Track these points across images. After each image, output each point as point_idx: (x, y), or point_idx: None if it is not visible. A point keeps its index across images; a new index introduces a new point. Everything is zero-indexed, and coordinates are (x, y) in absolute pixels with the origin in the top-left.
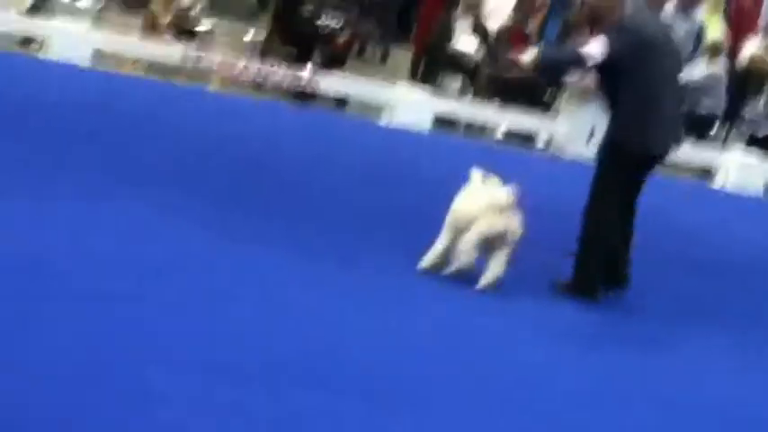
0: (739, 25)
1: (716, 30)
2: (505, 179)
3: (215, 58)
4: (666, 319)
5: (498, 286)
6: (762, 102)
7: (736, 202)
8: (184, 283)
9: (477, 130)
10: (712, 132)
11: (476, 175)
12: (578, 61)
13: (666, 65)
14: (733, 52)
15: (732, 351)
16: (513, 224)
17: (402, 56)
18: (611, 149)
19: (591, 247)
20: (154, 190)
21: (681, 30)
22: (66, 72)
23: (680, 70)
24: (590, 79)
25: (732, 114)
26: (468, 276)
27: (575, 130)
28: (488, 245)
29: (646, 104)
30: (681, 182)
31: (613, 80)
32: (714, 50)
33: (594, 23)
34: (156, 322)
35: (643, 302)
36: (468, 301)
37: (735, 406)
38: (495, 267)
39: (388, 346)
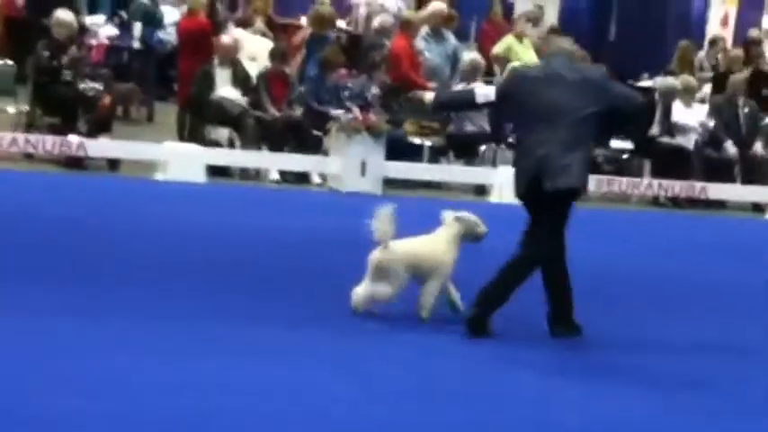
0: (490, 45)
1: (530, 55)
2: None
3: None
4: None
5: None
6: None
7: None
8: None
9: (251, 176)
10: (481, 151)
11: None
12: (470, 99)
13: (546, 105)
14: (489, 71)
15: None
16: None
17: (168, 112)
18: None
19: None
20: None
21: (435, 53)
22: None
23: (575, 110)
24: (359, 115)
25: (498, 131)
26: None
27: (346, 165)
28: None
29: (519, 145)
30: (457, 202)
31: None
32: (473, 71)
33: None
34: None
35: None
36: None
37: None
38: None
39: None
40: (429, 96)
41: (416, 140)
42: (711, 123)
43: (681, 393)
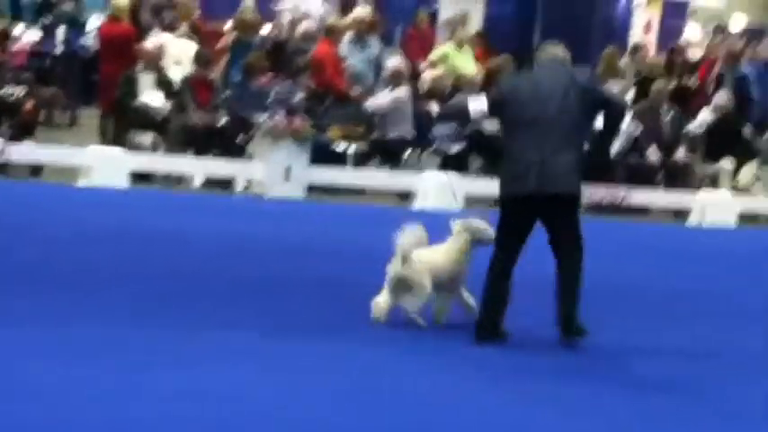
0: (415, 51)
1: (468, 62)
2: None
3: None
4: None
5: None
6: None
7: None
8: None
9: (174, 181)
10: (405, 156)
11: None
12: (463, 113)
13: (534, 111)
14: (414, 77)
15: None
16: None
17: (91, 117)
18: None
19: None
20: None
21: (358, 59)
22: None
23: (562, 115)
24: (284, 120)
25: (422, 137)
26: None
27: (270, 170)
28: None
29: (507, 150)
30: (381, 208)
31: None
32: (396, 77)
33: None
34: None
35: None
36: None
37: None
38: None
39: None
40: (435, 109)
41: (341, 146)
42: (634, 130)
43: (658, 398)
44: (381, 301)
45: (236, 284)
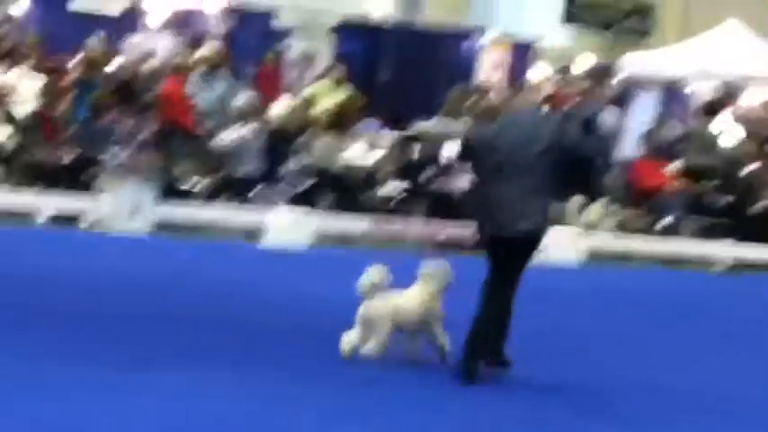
0: (265, 89)
1: (332, 99)
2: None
3: None
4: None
5: None
6: (297, 158)
7: (282, 259)
8: None
9: (18, 217)
10: (253, 193)
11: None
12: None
13: (502, 154)
14: (262, 114)
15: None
16: None
17: None
18: None
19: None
20: None
21: (207, 96)
22: None
23: (530, 157)
24: (131, 157)
25: (270, 174)
26: None
27: (118, 206)
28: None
29: (479, 193)
30: (228, 244)
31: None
32: (245, 114)
33: None
34: None
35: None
36: None
37: None
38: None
39: None
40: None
41: (189, 182)
42: None
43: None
44: (350, 336)
45: (87, 319)
